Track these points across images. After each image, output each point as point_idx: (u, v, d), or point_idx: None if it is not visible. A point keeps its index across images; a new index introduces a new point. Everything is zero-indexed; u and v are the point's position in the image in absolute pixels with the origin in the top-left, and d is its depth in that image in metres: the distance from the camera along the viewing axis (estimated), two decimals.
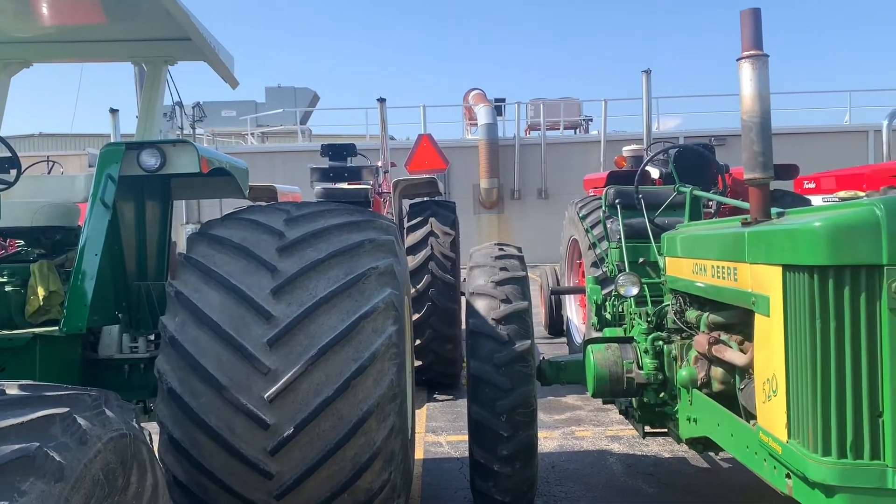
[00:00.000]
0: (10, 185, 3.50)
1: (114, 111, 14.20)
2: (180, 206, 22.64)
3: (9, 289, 3.56)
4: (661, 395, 3.96)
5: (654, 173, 8.60)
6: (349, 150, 9.56)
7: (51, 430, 1.60)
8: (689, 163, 7.00)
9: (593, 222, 7.06)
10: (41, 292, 3.52)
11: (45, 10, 3.87)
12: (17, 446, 1.50)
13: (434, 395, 7.30)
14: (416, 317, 6.80)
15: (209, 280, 3.03)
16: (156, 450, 2.37)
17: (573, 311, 8.82)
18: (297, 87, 32.87)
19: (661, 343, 3.92)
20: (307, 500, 2.89)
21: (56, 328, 3.30)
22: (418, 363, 6.98)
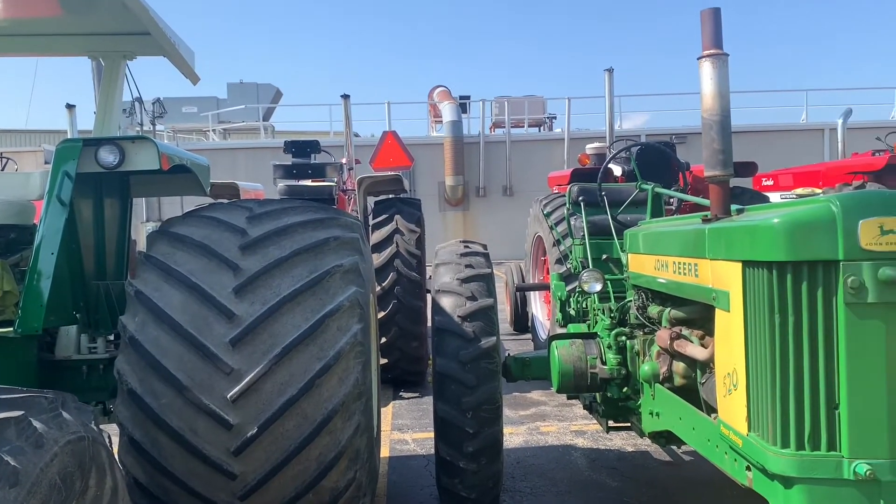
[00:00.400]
0: None
1: (70, 107, 13.88)
2: (140, 204, 22.25)
3: None
4: (625, 389, 4.00)
5: (617, 171, 8.69)
6: (313, 146, 9.49)
7: (5, 434, 1.56)
8: (650, 160, 7.09)
9: (557, 219, 7.11)
10: None
11: None
12: None
13: (400, 393, 7.29)
14: (381, 314, 6.78)
15: (170, 279, 2.98)
16: (115, 452, 2.32)
17: (538, 307, 8.88)
18: (260, 82, 32.53)
19: (624, 338, 3.96)
20: (271, 500, 2.86)
21: (11, 329, 3.22)
22: (384, 361, 6.96)
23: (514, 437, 5.77)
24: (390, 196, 8.12)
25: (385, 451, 5.45)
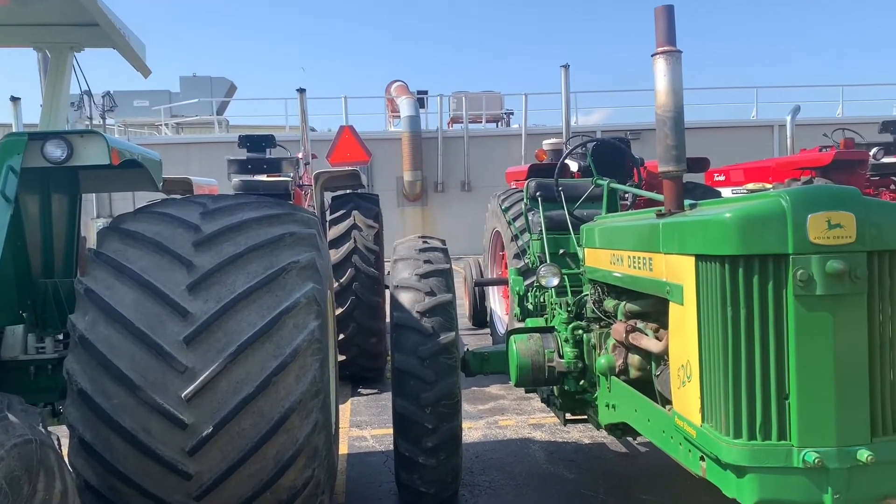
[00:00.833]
0: None
1: (15, 99, 13.47)
2: (90, 200, 21.72)
3: None
4: (581, 382, 4.05)
5: (573, 166, 8.77)
6: (268, 141, 9.37)
7: None
8: (606, 156, 7.15)
9: (515, 214, 7.15)
10: None
11: None
12: None
13: (358, 390, 7.26)
14: (339, 311, 6.74)
15: (121, 276, 2.91)
16: (65, 454, 2.27)
17: (496, 302, 8.92)
18: (214, 76, 31.92)
19: (580, 332, 4.00)
20: (228, 500, 2.82)
21: None
22: (342, 357, 6.92)
23: (472, 431, 5.79)
24: (348, 191, 8.07)
25: (344, 448, 5.43)
